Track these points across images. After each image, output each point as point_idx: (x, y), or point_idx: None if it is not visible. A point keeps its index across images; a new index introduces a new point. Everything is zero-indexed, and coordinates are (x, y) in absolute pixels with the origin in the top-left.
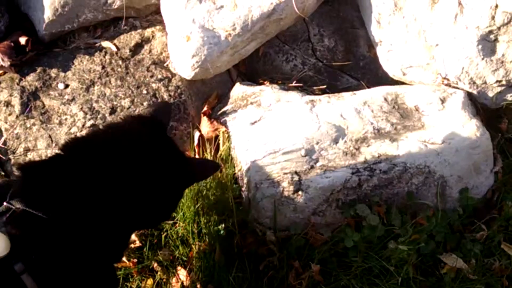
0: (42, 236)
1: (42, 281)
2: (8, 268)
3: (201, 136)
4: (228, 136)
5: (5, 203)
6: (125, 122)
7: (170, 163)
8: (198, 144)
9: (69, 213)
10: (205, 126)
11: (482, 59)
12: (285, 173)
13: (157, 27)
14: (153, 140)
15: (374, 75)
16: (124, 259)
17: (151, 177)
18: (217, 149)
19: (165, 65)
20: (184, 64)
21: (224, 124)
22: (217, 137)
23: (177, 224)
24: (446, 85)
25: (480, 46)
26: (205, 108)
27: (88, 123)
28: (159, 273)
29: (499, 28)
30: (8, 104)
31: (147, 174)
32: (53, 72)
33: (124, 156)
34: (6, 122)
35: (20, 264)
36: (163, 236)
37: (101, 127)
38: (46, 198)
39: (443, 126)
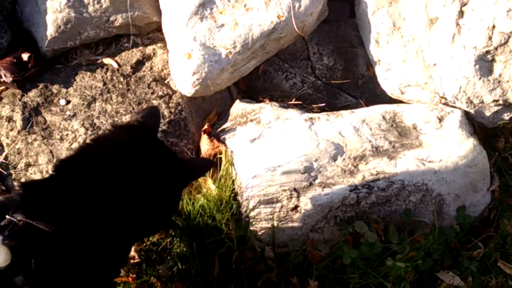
0: (43, 249)
1: None
2: (9, 281)
3: (202, 153)
4: (230, 154)
5: (7, 216)
6: (113, 133)
7: (163, 166)
8: None
9: (69, 226)
10: (205, 144)
11: (479, 78)
12: (284, 190)
13: (158, 45)
14: (143, 146)
15: (373, 94)
16: (122, 274)
17: (147, 182)
18: (217, 165)
19: (166, 82)
20: (185, 81)
21: (224, 141)
22: (216, 154)
23: (176, 240)
24: (443, 104)
25: (477, 66)
26: (205, 126)
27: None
28: None
29: (496, 48)
30: (10, 119)
31: (142, 180)
32: (55, 88)
33: (116, 166)
34: (7, 137)
35: (21, 277)
36: (162, 251)
37: (89, 141)
38: (47, 212)
39: (441, 144)
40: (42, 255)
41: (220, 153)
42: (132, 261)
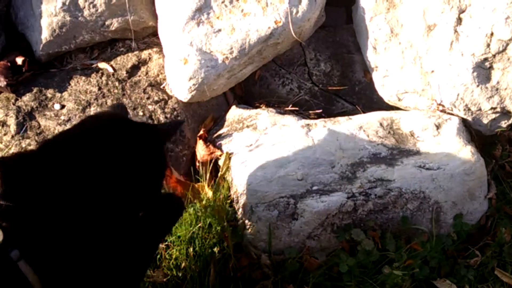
0: (30, 225)
1: (38, 267)
2: (4, 256)
3: (198, 159)
4: (226, 160)
5: None
6: (89, 118)
7: (137, 132)
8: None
9: (50, 205)
10: (201, 150)
11: (477, 86)
12: (281, 197)
13: (154, 49)
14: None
15: (370, 100)
16: None
17: (124, 151)
18: (213, 171)
19: (161, 87)
20: (181, 86)
21: (220, 147)
22: (211, 160)
23: (171, 247)
24: (441, 111)
25: (475, 73)
26: (201, 132)
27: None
28: None
29: (494, 56)
30: (3, 124)
31: (120, 150)
32: (49, 92)
33: (91, 143)
34: (1, 142)
35: (16, 251)
36: (157, 257)
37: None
38: (27, 193)
39: (438, 152)
40: (30, 230)
41: (216, 159)
42: None
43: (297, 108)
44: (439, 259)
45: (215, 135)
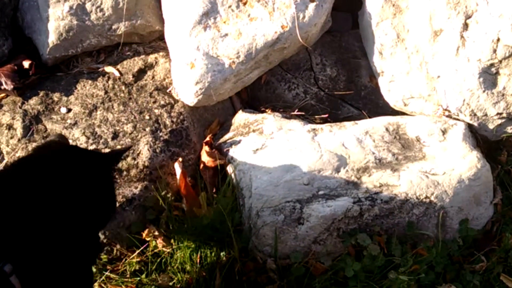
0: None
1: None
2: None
3: (203, 164)
4: (232, 165)
5: None
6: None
7: (85, 163)
8: (204, 171)
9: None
10: (206, 155)
11: (483, 91)
12: (287, 201)
13: (161, 53)
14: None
15: (375, 105)
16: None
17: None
18: (219, 176)
19: (168, 91)
20: (188, 90)
21: (226, 152)
22: (217, 166)
23: (176, 252)
24: (447, 116)
25: (481, 79)
26: (207, 138)
27: (90, 148)
28: None
29: (500, 62)
30: (10, 127)
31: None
32: (56, 96)
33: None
34: (8, 145)
35: (9, 265)
36: (163, 261)
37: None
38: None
39: (444, 157)
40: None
41: (222, 164)
42: (132, 269)
43: (303, 113)
44: (444, 265)
45: (221, 139)
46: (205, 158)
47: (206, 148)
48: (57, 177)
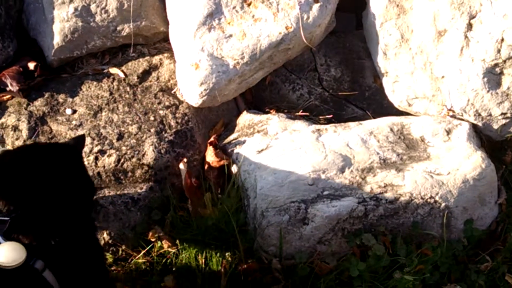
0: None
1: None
2: (30, 268)
3: (208, 164)
4: (236, 165)
5: None
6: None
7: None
8: (208, 171)
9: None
10: (211, 156)
11: (488, 91)
12: (292, 202)
13: (165, 55)
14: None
15: (380, 106)
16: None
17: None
18: (223, 176)
19: (172, 92)
20: (192, 91)
21: (231, 153)
22: (222, 166)
23: (182, 252)
24: (451, 116)
25: (485, 79)
26: (211, 139)
27: (96, 149)
28: None
29: (504, 62)
30: (15, 128)
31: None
32: (61, 97)
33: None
34: (13, 147)
35: (40, 262)
36: (168, 262)
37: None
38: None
39: (449, 157)
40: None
41: (227, 165)
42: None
43: (307, 113)
44: (449, 265)
45: (226, 140)
46: (209, 158)
47: (210, 148)
48: (39, 170)
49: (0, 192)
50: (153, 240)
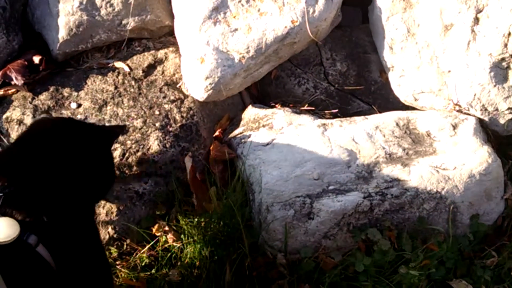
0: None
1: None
2: (23, 243)
3: (213, 158)
4: (241, 160)
5: None
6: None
7: (84, 136)
8: (213, 166)
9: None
10: (216, 150)
11: (494, 86)
12: (297, 196)
13: (170, 49)
14: (61, 130)
15: (385, 100)
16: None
17: (75, 149)
18: (228, 171)
19: (177, 86)
20: (197, 85)
21: (236, 147)
22: (226, 160)
23: (186, 247)
24: (457, 111)
25: (492, 73)
26: (216, 133)
27: None
28: None
29: (511, 56)
30: (20, 122)
31: (71, 147)
32: (66, 91)
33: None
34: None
35: (34, 237)
36: (173, 256)
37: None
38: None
39: (455, 152)
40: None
41: (232, 159)
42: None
43: (313, 108)
44: (455, 260)
45: (231, 134)
46: (215, 152)
47: (216, 142)
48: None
49: None
50: (158, 234)
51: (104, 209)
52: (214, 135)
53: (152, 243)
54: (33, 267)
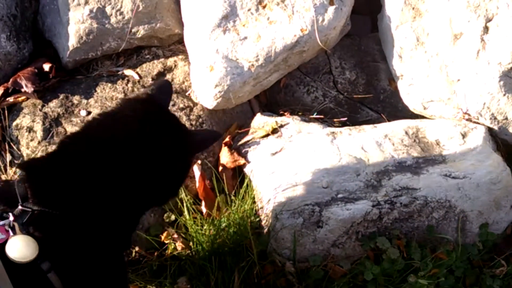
0: (62, 235)
1: (65, 277)
2: (36, 268)
3: (222, 166)
4: (250, 167)
5: (20, 207)
6: (120, 107)
7: (170, 138)
8: (222, 172)
9: (82, 208)
10: (225, 157)
11: (504, 95)
12: (306, 204)
13: (180, 57)
14: (150, 118)
15: (394, 109)
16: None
17: (152, 154)
18: (237, 178)
19: (187, 94)
20: (207, 93)
21: (245, 154)
22: (235, 168)
23: (195, 254)
24: (467, 120)
25: (502, 82)
26: (226, 139)
27: None
28: None
29: None
30: (30, 129)
31: (148, 153)
32: (76, 99)
33: (122, 141)
34: (28, 148)
35: (47, 263)
36: (182, 264)
37: (96, 115)
38: (58, 197)
39: (464, 160)
40: (61, 241)
41: (241, 166)
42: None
43: (322, 116)
44: (464, 269)
45: (240, 142)
46: (224, 159)
47: (225, 149)
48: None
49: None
50: (166, 242)
51: None
52: (224, 141)
53: (160, 250)
54: None
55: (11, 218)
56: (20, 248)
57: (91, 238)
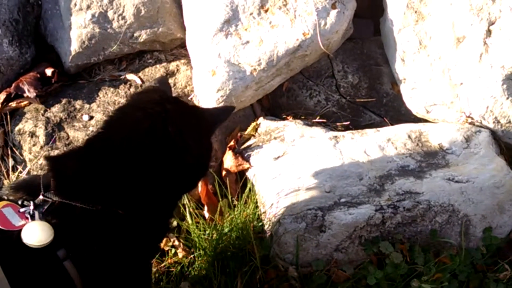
0: (82, 225)
1: (82, 267)
2: (52, 255)
3: (226, 170)
4: (253, 171)
5: (41, 196)
6: (136, 98)
7: (191, 116)
8: (226, 177)
9: (104, 200)
10: (229, 160)
11: (507, 98)
12: (309, 209)
13: (182, 61)
14: (169, 101)
15: (397, 112)
16: None
17: (177, 137)
18: (240, 182)
19: (189, 98)
20: (209, 98)
21: (248, 159)
22: (239, 172)
23: (198, 259)
24: (470, 123)
25: (505, 86)
26: (231, 143)
27: None
28: None
29: None
30: (32, 134)
31: (171, 136)
32: (78, 103)
33: (148, 128)
34: (30, 153)
35: (63, 251)
36: (184, 269)
37: (112, 114)
38: (80, 189)
39: (467, 164)
40: (79, 230)
41: (244, 171)
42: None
43: (324, 120)
44: (468, 273)
45: (243, 146)
46: (228, 163)
47: (229, 153)
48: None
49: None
50: (168, 247)
51: None
52: (228, 145)
53: (162, 255)
54: (54, 282)
55: (32, 206)
56: (36, 232)
57: (114, 232)
